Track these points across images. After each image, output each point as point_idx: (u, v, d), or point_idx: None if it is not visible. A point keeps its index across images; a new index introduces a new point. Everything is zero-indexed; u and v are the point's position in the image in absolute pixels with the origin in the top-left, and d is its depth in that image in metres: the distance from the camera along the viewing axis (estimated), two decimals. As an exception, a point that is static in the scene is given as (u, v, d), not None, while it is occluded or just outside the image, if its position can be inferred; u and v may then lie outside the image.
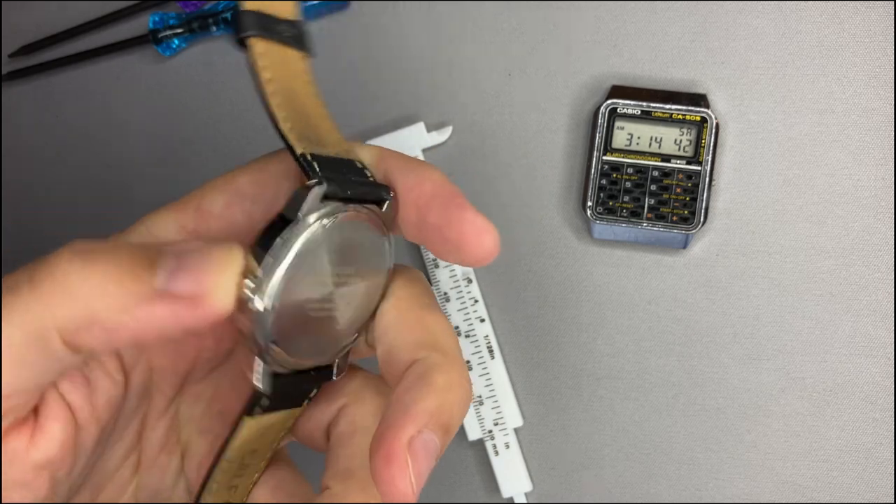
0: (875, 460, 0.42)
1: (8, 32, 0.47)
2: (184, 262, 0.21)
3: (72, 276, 0.20)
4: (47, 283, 0.20)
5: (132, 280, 0.20)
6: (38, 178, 0.48)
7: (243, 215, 0.26)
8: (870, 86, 0.41)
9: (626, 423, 0.44)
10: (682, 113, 0.41)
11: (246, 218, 0.26)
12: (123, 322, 0.21)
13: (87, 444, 0.24)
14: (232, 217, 0.26)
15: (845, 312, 0.42)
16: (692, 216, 0.41)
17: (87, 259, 0.20)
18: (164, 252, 0.21)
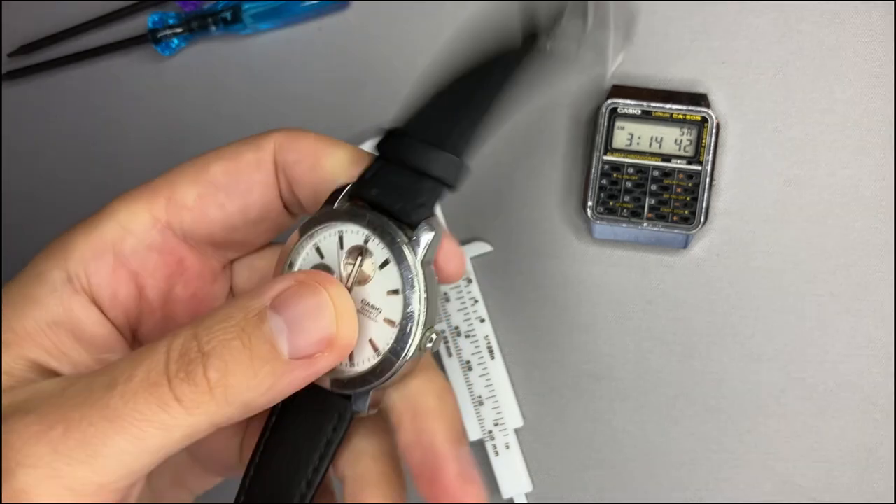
0: (875, 460, 0.42)
1: (8, 32, 0.47)
2: (294, 324, 0.22)
3: (219, 388, 0.21)
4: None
5: (261, 365, 0.21)
6: (37, 177, 0.48)
7: (217, 209, 0.26)
8: (870, 86, 0.41)
9: (627, 423, 0.44)
10: (682, 113, 0.41)
11: (220, 212, 0.26)
12: (273, 399, 0.22)
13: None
14: (205, 209, 0.26)
15: (846, 312, 0.42)
16: (693, 216, 0.41)
17: (224, 367, 0.21)
18: (273, 330, 0.21)
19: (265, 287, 0.22)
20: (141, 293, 0.26)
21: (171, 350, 0.21)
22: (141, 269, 0.26)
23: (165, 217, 0.26)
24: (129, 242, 0.26)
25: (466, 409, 0.43)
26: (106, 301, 0.26)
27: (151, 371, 0.21)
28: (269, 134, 0.27)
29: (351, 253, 0.24)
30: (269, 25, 0.45)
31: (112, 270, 0.26)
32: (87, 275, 0.25)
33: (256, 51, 0.46)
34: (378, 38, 0.45)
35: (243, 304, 0.22)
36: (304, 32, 0.45)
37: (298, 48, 0.45)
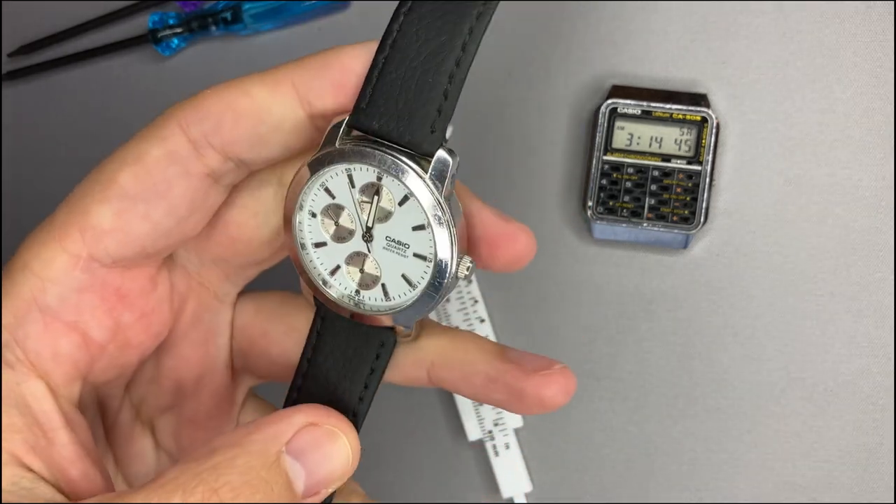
0: (876, 461, 0.42)
1: (8, 32, 0.47)
2: (312, 470, 0.21)
3: None
4: None
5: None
6: (37, 177, 0.48)
7: (141, 221, 0.23)
8: (870, 85, 0.41)
9: (627, 423, 0.44)
10: (682, 113, 0.41)
11: (145, 224, 0.23)
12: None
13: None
14: (127, 228, 0.23)
15: (846, 312, 0.42)
16: (692, 216, 0.41)
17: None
18: (291, 475, 0.21)
19: (277, 429, 0.22)
20: (85, 339, 0.24)
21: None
22: (76, 316, 0.24)
23: (85, 251, 0.23)
24: (52, 293, 0.23)
25: (466, 409, 0.43)
26: (48, 362, 0.23)
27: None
28: (168, 117, 0.24)
29: (364, 191, 0.23)
30: (269, 25, 0.45)
31: (44, 328, 0.23)
32: (18, 343, 0.23)
33: (256, 51, 0.46)
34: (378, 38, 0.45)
35: (259, 450, 0.21)
36: (304, 32, 0.45)
37: (298, 48, 0.45)
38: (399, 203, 0.23)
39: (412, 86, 0.22)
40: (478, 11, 0.22)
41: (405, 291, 0.23)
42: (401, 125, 0.22)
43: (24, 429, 0.23)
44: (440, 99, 0.22)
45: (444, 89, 0.22)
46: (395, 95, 0.22)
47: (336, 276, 0.24)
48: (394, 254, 0.23)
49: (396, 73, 0.22)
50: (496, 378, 0.25)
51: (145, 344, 0.26)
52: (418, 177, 0.22)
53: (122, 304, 0.25)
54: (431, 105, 0.22)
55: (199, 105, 0.24)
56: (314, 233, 0.24)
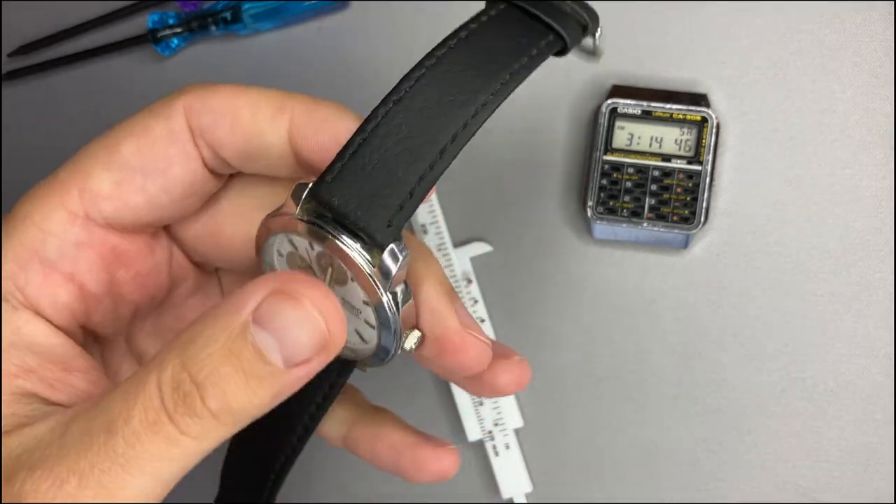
0: (876, 461, 0.42)
1: (8, 32, 0.47)
2: (283, 336, 0.21)
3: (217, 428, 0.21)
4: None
5: (259, 382, 0.21)
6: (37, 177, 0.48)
7: (137, 193, 0.24)
8: (870, 85, 0.41)
9: (627, 423, 0.43)
10: (682, 112, 0.41)
11: (141, 196, 0.25)
12: (276, 403, 0.21)
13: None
14: (124, 196, 0.24)
15: (846, 312, 0.42)
16: (693, 216, 0.41)
17: (223, 392, 0.21)
18: (261, 336, 0.21)
19: (240, 299, 0.21)
20: (82, 290, 0.25)
21: (161, 384, 0.21)
22: (73, 268, 0.25)
23: (83, 210, 0.24)
24: (52, 245, 0.24)
25: (466, 410, 0.43)
26: (47, 309, 0.25)
27: (148, 410, 0.21)
28: (177, 97, 0.25)
29: (321, 257, 0.23)
30: (269, 25, 0.45)
31: (43, 277, 0.24)
32: (19, 289, 0.24)
33: (256, 51, 0.45)
34: (378, 38, 0.45)
35: (223, 325, 0.21)
36: (304, 32, 0.45)
37: (298, 48, 0.45)
38: (351, 279, 0.23)
39: (381, 175, 0.22)
40: (464, 121, 0.22)
41: (357, 342, 0.24)
42: (359, 210, 0.22)
43: (38, 367, 0.24)
44: (405, 196, 0.22)
45: (411, 188, 0.22)
46: (361, 180, 0.22)
47: None
48: (348, 311, 0.24)
49: (369, 159, 0.22)
50: (400, 448, 0.27)
51: (140, 302, 0.27)
52: (363, 271, 0.22)
53: (118, 262, 0.26)
54: (395, 200, 0.22)
55: (207, 98, 0.24)
56: (281, 264, 0.25)
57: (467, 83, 0.22)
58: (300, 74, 0.46)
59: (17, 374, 0.23)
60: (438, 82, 0.22)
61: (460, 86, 0.22)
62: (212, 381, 0.20)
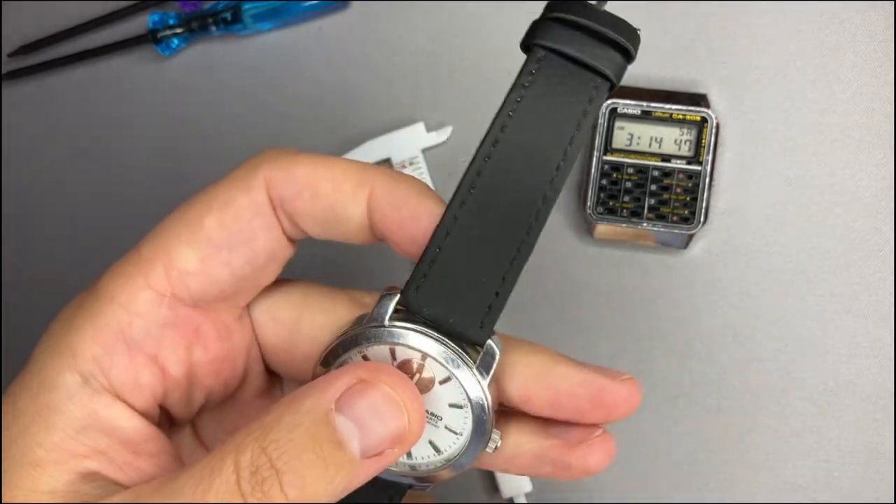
0: (876, 460, 0.42)
1: (8, 32, 0.47)
2: (364, 425, 0.21)
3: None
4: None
5: (336, 471, 0.21)
6: (37, 177, 0.48)
7: (222, 268, 0.24)
8: (870, 86, 0.41)
9: (627, 423, 0.43)
10: (682, 113, 0.41)
11: (226, 269, 0.24)
12: (345, 493, 0.21)
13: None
14: (210, 272, 0.24)
15: (846, 312, 0.42)
16: (692, 216, 0.41)
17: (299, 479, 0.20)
18: (342, 433, 0.21)
19: (326, 386, 0.21)
20: (164, 372, 0.25)
21: (239, 468, 0.20)
22: (158, 350, 0.24)
23: (170, 289, 0.24)
24: (138, 326, 0.24)
25: (466, 409, 0.43)
26: (129, 392, 0.24)
27: (222, 494, 0.20)
28: (257, 169, 0.25)
29: (403, 366, 0.23)
30: (269, 25, 0.45)
31: (129, 360, 0.24)
32: (103, 372, 0.24)
33: (256, 51, 0.46)
34: (378, 38, 0.45)
35: (308, 408, 0.21)
36: (304, 32, 0.45)
37: (298, 48, 0.45)
38: (440, 382, 0.23)
39: (466, 279, 0.23)
40: (536, 213, 0.23)
41: (429, 455, 0.25)
42: (451, 316, 0.23)
43: (107, 449, 0.23)
44: (492, 297, 0.23)
45: (496, 290, 0.23)
46: (448, 286, 0.23)
47: None
48: (426, 423, 0.24)
49: (452, 264, 0.23)
50: (542, 455, 0.26)
51: (214, 388, 0.27)
52: (466, 366, 0.23)
53: (199, 343, 0.25)
54: (483, 302, 0.23)
55: (289, 169, 0.24)
56: None
57: (525, 179, 0.23)
58: (300, 74, 0.46)
59: (86, 454, 0.23)
60: (497, 183, 0.23)
61: (520, 184, 0.23)
62: (292, 468, 0.20)
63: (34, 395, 0.23)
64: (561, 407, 0.25)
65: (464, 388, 0.23)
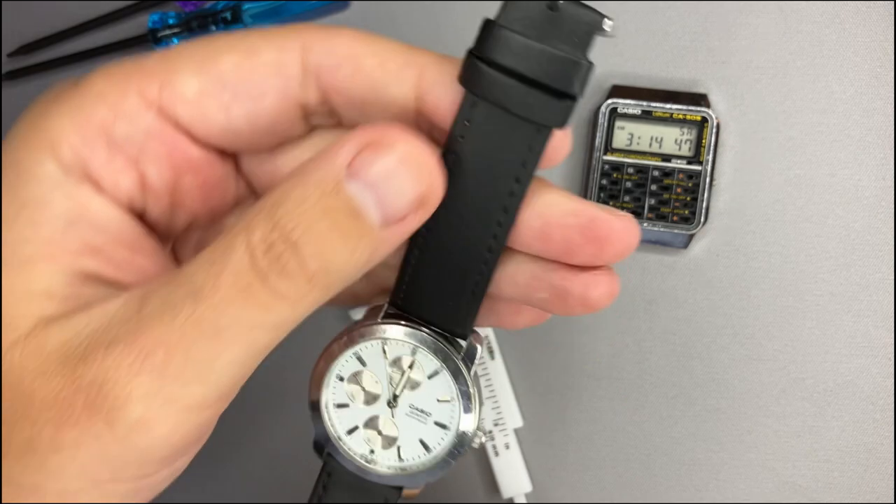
0: (876, 461, 0.42)
1: (8, 32, 0.47)
2: (380, 189, 0.19)
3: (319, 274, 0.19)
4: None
5: (357, 240, 0.19)
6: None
7: (219, 110, 0.22)
8: (870, 85, 0.41)
9: (627, 423, 0.44)
10: (682, 112, 0.41)
11: (221, 114, 0.22)
12: (369, 266, 0.20)
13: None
14: (205, 108, 0.22)
15: (846, 312, 0.42)
16: (693, 216, 0.41)
17: (321, 239, 0.19)
18: (357, 190, 0.19)
19: (332, 153, 0.19)
20: (143, 181, 0.23)
21: (251, 246, 0.19)
22: (140, 155, 0.22)
23: (158, 103, 0.22)
24: (121, 127, 0.22)
25: (466, 409, 0.43)
26: (109, 190, 0.22)
27: (238, 273, 0.19)
28: (297, 32, 0.22)
29: (396, 362, 0.24)
30: (268, 25, 0.45)
31: (108, 157, 0.22)
32: (82, 162, 0.21)
33: (256, 51, 0.45)
34: (378, 38, 0.45)
35: (316, 180, 0.19)
36: (304, 32, 0.45)
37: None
38: (429, 376, 0.24)
39: (446, 276, 0.23)
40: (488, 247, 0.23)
41: (419, 455, 0.25)
42: (435, 313, 0.24)
43: (103, 246, 0.22)
44: (469, 295, 0.24)
45: (472, 288, 0.24)
46: (430, 284, 0.24)
47: (353, 435, 0.25)
48: (415, 420, 0.25)
49: (430, 269, 0.23)
50: (540, 276, 0.24)
51: (200, 213, 0.25)
52: (451, 356, 0.24)
53: (186, 165, 0.23)
54: (464, 296, 0.24)
55: (332, 39, 0.22)
56: (337, 395, 0.25)
57: (480, 210, 0.23)
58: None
59: (80, 251, 0.21)
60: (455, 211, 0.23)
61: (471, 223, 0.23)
62: (307, 240, 0.19)
63: (14, 188, 0.21)
64: (550, 239, 0.23)
65: (451, 378, 0.24)
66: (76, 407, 0.19)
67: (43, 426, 0.19)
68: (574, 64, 0.21)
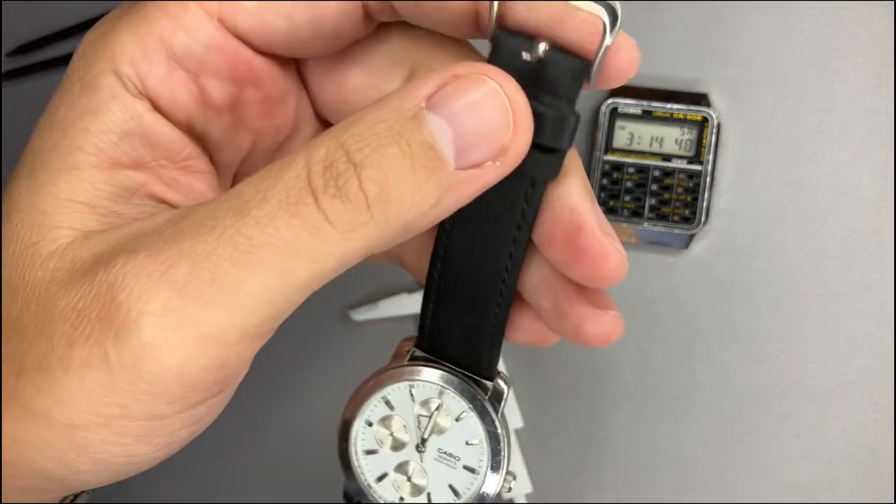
0: (876, 461, 0.42)
1: (8, 32, 0.47)
2: (460, 126, 0.18)
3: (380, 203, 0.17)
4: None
5: (426, 175, 0.18)
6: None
7: (280, 18, 0.21)
8: (871, 85, 0.41)
9: (627, 424, 0.43)
10: (683, 112, 0.41)
11: (284, 23, 0.21)
12: (435, 218, 0.19)
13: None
14: (265, 17, 0.21)
15: (847, 313, 0.42)
16: (693, 216, 0.41)
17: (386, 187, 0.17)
18: (434, 133, 0.18)
19: (417, 84, 0.18)
20: (204, 96, 0.22)
21: (311, 162, 0.17)
22: (200, 69, 0.21)
23: (220, 14, 0.21)
24: (181, 39, 0.21)
25: (467, 410, 0.43)
26: (166, 106, 0.21)
27: (291, 189, 0.17)
28: None
29: (423, 405, 0.24)
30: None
31: (168, 71, 0.21)
32: (140, 77, 0.21)
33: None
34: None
35: (394, 105, 0.18)
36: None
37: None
38: (456, 419, 0.24)
39: (465, 318, 0.24)
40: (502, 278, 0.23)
41: (449, 500, 0.25)
42: (459, 351, 0.24)
43: (152, 161, 0.21)
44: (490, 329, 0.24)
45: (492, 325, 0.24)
46: (451, 326, 0.24)
47: (382, 483, 0.25)
48: (444, 465, 0.25)
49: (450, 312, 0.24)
50: (549, 283, 0.23)
51: (263, 131, 0.24)
52: (478, 397, 0.24)
53: (249, 78, 0.22)
54: (484, 336, 0.24)
55: None
56: (366, 441, 0.25)
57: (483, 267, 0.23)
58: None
59: (129, 164, 0.20)
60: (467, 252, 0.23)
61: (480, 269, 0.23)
62: (373, 162, 0.17)
63: (74, 100, 0.20)
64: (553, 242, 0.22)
65: (479, 419, 0.24)
66: (90, 319, 0.17)
67: (57, 341, 0.18)
68: (561, 121, 0.20)
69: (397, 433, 0.25)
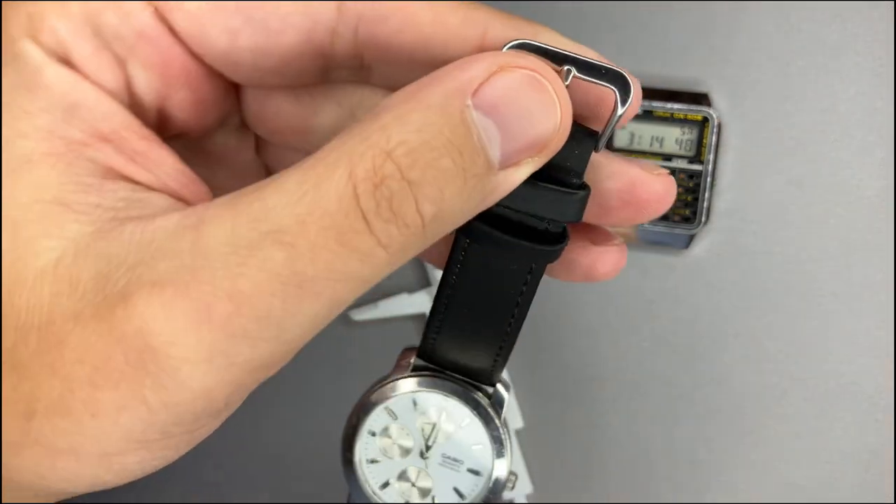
0: (877, 461, 0.42)
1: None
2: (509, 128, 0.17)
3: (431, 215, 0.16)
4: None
5: (475, 183, 0.16)
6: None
7: (222, 34, 0.19)
8: (872, 85, 0.41)
9: (628, 424, 0.43)
10: (683, 112, 0.41)
11: (223, 39, 0.19)
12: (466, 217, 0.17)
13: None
14: (205, 26, 0.19)
15: (847, 313, 0.42)
16: (694, 216, 0.41)
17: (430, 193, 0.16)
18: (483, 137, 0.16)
19: (458, 74, 0.16)
20: (129, 86, 0.19)
21: (357, 180, 0.15)
22: (128, 56, 0.19)
23: (158, 5, 0.19)
24: (109, 18, 0.18)
25: (466, 410, 0.43)
26: (95, 84, 0.19)
27: (336, 214, 0.15)
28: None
29: (426, 412, 0.25)
30: None
31: (93, 49, 0.18)
32: (66, 52, 0.18)
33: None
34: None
35: (440, 103, 0.16)
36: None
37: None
38: (459, 426, 0.25)
39: (476, 332, 0.24)
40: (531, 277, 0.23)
41: (454, 500, 0.25)
42: (464, 360, 0.24)
43: (111, 134, 0.18)
44: (500, 341, 0.24)
45: (503, 335, 0.24)
46: (460, 337, 0.24)
47: (386, 490, 0.26)
48: (448, 469, 0.25)
49: (461, 314, 0.23)
50: None
51: (189, 130, 0.21)
52: (481, 404, 0.24)
53: (180, 78, 0.20)
54: (493, 346, 0.24)
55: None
56: (370, 450, 0.25)
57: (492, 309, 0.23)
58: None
59: (85, 141, 0.18)
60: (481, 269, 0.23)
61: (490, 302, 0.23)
62: (428, 178, 0.16)
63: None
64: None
65: (482, 424, 0.24)
66: (116, 363, 0.16)
67: (77, 385, 0.16)
68: (570, 198, 0.20)
69: (401, 441, 0.25)
